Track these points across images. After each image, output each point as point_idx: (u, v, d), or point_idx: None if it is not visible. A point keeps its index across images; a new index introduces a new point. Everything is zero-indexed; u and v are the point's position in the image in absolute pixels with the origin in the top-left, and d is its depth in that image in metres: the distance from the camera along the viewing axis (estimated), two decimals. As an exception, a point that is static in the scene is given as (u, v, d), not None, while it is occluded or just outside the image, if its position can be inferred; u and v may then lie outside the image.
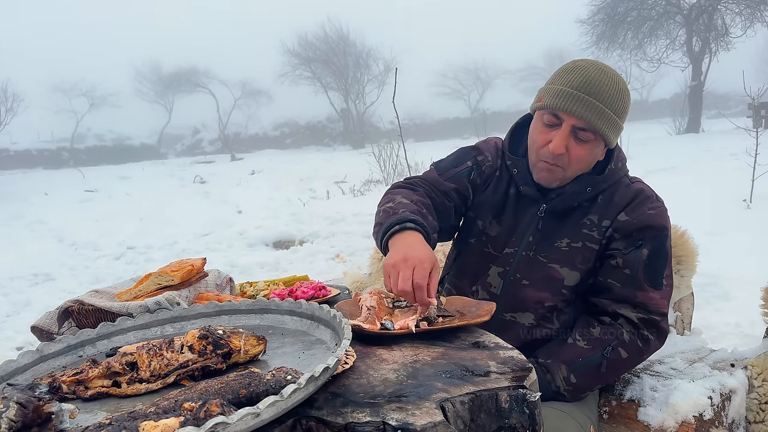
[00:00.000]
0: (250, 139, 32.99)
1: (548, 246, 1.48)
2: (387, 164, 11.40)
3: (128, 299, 1.41)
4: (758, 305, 1.83)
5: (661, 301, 1.40)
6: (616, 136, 1.42)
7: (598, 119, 1.35)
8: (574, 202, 1.47)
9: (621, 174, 1.50)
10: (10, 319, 4.75)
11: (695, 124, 17.53)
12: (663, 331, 1.41)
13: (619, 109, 1.38)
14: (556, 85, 1.39)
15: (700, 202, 6.33)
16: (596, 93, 1.35)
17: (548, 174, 1.43)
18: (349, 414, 0.81)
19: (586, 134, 1.37)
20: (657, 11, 17.93)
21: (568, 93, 1.35)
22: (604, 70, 1.39)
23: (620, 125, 1.40)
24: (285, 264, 6.01)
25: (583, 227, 1.46)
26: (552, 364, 1.39)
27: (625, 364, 1.41)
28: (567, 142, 1.37)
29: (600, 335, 1.39)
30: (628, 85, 1.44)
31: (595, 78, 1.36)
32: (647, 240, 1.41)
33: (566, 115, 1.36)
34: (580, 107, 1.34)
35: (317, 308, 1.13)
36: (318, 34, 29.22)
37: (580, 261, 1.46)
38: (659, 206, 1.46)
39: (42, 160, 28.29)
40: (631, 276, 1.40)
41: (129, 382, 0.92)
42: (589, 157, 1.42)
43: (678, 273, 1.86)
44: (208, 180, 14.34)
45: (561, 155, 1.38)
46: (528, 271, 1.49)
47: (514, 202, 1.54)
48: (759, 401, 1.57)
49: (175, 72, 32.78)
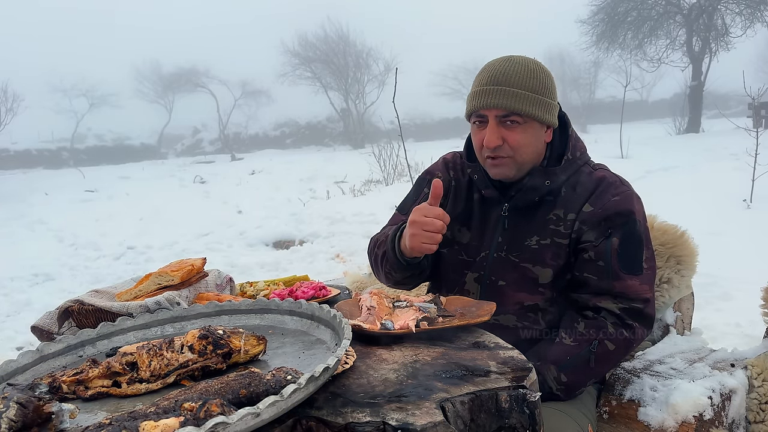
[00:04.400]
0: (250, 139, 32.99)
1: (519, 245, 1.48)
2: (387, 164, 11.41)
3: (128, 299, 1.41)
4: (758, 305, 1.83)
5: (641, 287, 1.39)
6: (548, 113, 1.43)
7: (515, 102, 1.38)
8: (535, 197, 1.47)
9: (580, 163, 1.50)
10: (10, 319, 4.75)
11: (695, 124, 17.53)
12: (648, 317, 1.40)
13: (536, 87, 1.40)
14: (471, 89, 1.47)
15: (700, 202, 6.33)
16: (504, 80, 1.39)
17: (499, 167, 1.45)
18: (349, 414, 0.81)
19: (512, 118, 1.40)
20: (657, 11, 17.94)
21: (480, 91, 1.42)
22: (510, 59, 1.44)
23: (545, 101, 1.42)
24: (285, 264, 6.01)
25: (549, 223, 1.46)
26: (541, 366, 1.38)
27: (614, 356, 1.40)
28: (498, 133, 1.41)
29: (584, 331, 1.39)
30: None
31: (501, 69, 1.41)
32: (616, 228, 1.41)
33: (486, 110, 1.41)
34: (494, 98, 1.39)
35: (317, 308, 1.13)
36: (318, 34, 29.29)
37: (551, 257, 1.45)
38: (624, 190, 1.45)
39: (42, 160, 28.29)
40: (606, 267, 1.39)
41: (129, 382, 0.92)
42: (528, 140, 1.43)
43: (678, 273, 1.86)
44: (208, 180, 14.34)
45: (499, 146, 1.41)
46: (502, 272, 1.49)
47: (480, 207, 1.56)
48: (759, 401, 1.57)
49: (175, 72, 32.82)
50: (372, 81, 29.31)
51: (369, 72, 29.42)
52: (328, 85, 29.19)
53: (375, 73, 29.26)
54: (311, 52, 29.08)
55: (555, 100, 1.46)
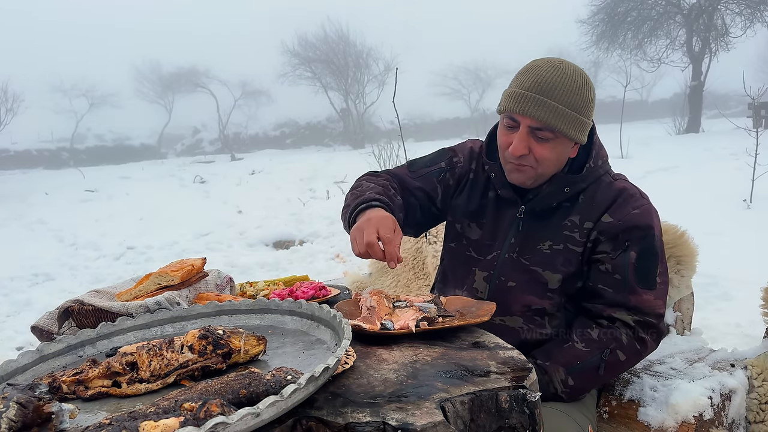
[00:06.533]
0: (250, 139, 32.98)
1: (531, 248, 1.46)
2: (387, 164, 11.37)
3: (128, 299, 1.41)
4: (758, 305, 1.83)
5: (656, 301, 1.38)
6: (581, 132, 1.38)
7: (552, 117, 1.32)
8: (553, 203, 1.46)
9: (601, 172, 1.47)
10: (10, 319, 4.75)
11: (695, 124, 17.53)
12: (660, 331, 1.40)
13: (577, 105, 1.34)
14: (512, 87, 1.39)
15: (700, 202, 6.33)
16: (549, 91, 1.33)
17: (518, 174, 1.43)
18: (349, 414, 0.81)
19: (545, 133, 1.35)
20: (657, 11, 17.94)
21: (520, 95, 1.35)
22: (559, 66, 1.36)
23: (582, 120, 1.36)
24: (285, 264, 6.01)
25: (564, 228, 1.44)
26: (550, 367, 1.38)
27: (623, 366, 1.40)
28: (527, 143, 1.36)
29: (598, 338, 1.38)
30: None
31: (548, 76, 1.34)
32: (634, 241, 1.39)
33: (521, 116, 1.35)
34: (533, 107, 1.33)
35: (317, 308, 1.13)
36: (318, 34, 29.26)
37: (562, 263, 1.43)
38: (644, 204, 1.43)
39: (42, 160, 28.28)
40: (622, 280, 1.38)
41: (129, 382, 0.92)
42: (555, 155, 1.39)
43: (678, 273, 1.86)
44: (208, 180, 14.32)
45: (524, 156, 1.38)
46: (512, 273, 1.47)
47: (494, 205, 1.54)
48: (759, 401, 1.57)
49: (175, 72, 32.79)
50: (372, 81, 29.30)
51: (369, 72, 29.41)
52: (328, 85, 29.18)
53: (375, 73, 29.26)
54: (311, 52, 29.07)
55: (591, 119, 1.41)
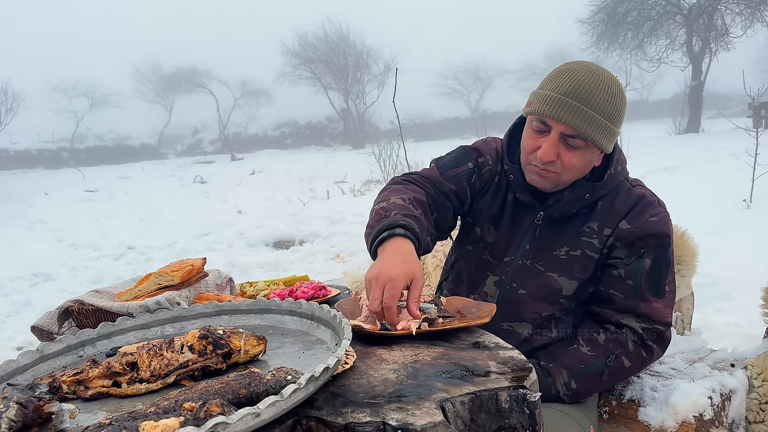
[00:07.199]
0: (250, 139, 32.98)
1: (546, 254, 1.45)
2: (387, 164, 11.40)
3: (128, 299, 1.41)
4: (758, 305, 1.83)
5: (665, 309, 1.38)
6: (610, 142, 1.35)
7: (587, 126, 1.29)
8: (572, 209, 1.44)
9: (621, 178, 1.46)
10: (10, 319, 4.75)
11: (695, 124, 17.53)
12: (666, 340, 1.40)
13: (611, 114, 1.31)
14: (546, 89, 1.34)
15: (700, 202, 6.33)
16: (586, 98, 1.29)
17: (540, 178, 1.39)
18: (349, 414, 0.81)
19: (576, 141, 1.32)
20: (657, 11, 17.94)
21: (556, 99, 1.30)
22: (596, 73, 1.32)
23: (614, 130, 1.33)
24: (285, 264, 6.01)
25: (582, 235, 1.43)
26: (554, 368, 1.37)
27: (627, 372, 1.40)
28: (556, 149, 1.32)
29: (604, 343, 1.38)
30: (625, 86, 1.42)
31: (585, 82, 1.29)
32: (650, 249, 1.38)
33: (554, 121, 1.31)
34: (568, 114, 1.28)
35: (317, 308, 1.13)
36: (318, 34, 29.27)
37: (579, 270, 1.43)
38: (661, 212, 1.42)
39: (42, 160, 28.26)
40: (634, 287, 1.37)
41: (129, 382, 0.92)
42: (582, 164, 1.36)
43: (678, 273, 1.86)
44: (208, 180, 14.33)
45: (551, 162, 1.34)
46: (524, 280, 1.46)
47: (512, 209, 1.51)
48: (759, 401, 1.57)
49: (175, 72, 32.80)
50: (372, 81, 29.32)
51: (369, 72, 29.43)
52: (328, 85, 29.19)
53: (375, 73, 29.28)
54: (311, 52, 29.07)
55: (620, 128, 1.38)
